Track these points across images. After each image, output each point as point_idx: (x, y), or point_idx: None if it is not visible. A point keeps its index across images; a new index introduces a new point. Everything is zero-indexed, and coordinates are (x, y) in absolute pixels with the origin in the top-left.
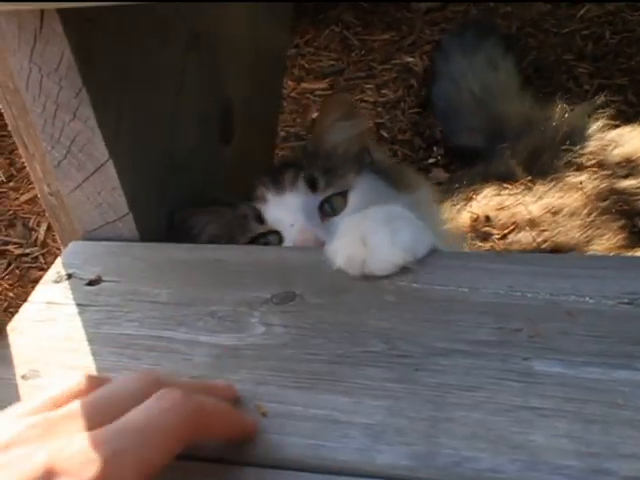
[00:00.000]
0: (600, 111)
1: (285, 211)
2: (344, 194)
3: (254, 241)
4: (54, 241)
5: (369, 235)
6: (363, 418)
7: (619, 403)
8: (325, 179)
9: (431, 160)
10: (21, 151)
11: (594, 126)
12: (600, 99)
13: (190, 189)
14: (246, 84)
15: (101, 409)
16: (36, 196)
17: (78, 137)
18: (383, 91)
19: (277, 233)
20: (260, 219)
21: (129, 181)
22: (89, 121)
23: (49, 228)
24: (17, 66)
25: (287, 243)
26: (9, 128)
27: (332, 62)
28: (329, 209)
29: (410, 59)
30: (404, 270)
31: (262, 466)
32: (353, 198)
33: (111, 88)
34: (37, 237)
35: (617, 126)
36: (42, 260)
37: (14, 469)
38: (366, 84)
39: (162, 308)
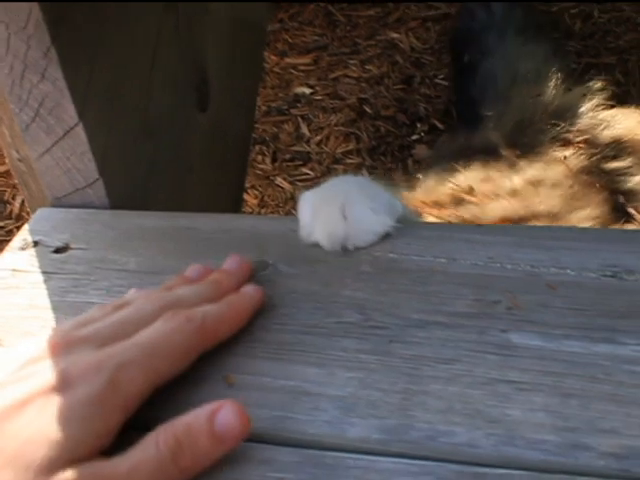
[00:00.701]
0: (596, 92)
1: None
2: None
3: None
4: (29, 214)
5: (348, 207)
6: (335, 390)
7: (599, 377)
8: None
9: (414, 137)
10: None
11: (588, 104)
12: (598, 84)
13: (163, 156)
14: (224, 53)
15: (116, 329)
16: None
17: (47, 99)
18: (367, 67)
19: None
20: None
21: (100, 146)
22: (58, 82)
23: (24, 201)
24: None
25: None
26: None
27: (316, 37)
28: None
29: (395, 35)
30: (381, 240)
31: None
32: None
33: (82, 48)
34: (12, 210)
35: (612, 107)
36: (17, 233)
37: (33, 380)
38: (350, 59)
39: (130, 277)
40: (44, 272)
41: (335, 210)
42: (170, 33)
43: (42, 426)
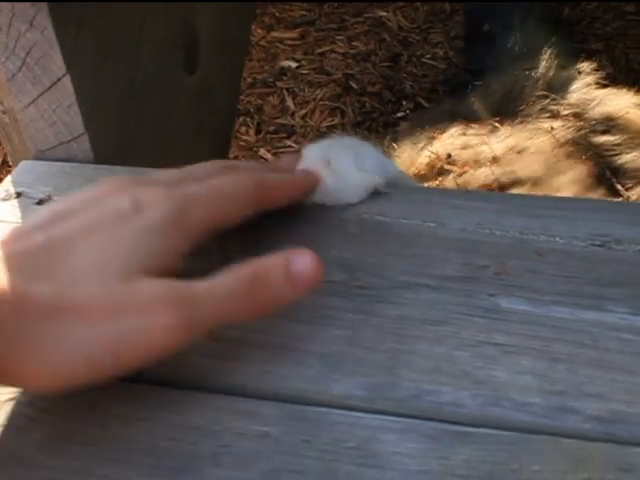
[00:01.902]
0: (590, 72)
1: None
2: None
3: None
4: (7, 175)
5: (335, 162)
6: (320, 347)
7: (587, 343)
8: None
9: (400, 114)
10: None
11: (581, 82)
12: (592, 65)
13: (149, 116)
14: (214, 19)
15: (184, 177)
16: None
17: (34, 48)
18: (354, 43)
19: None
20: None
21: (87, 99)
22: (46, 31)
23: (3, 163)
24: None
25: None
26: None
27: (304, 12)
28: None
29: (383, 13)
30: (369, 202)
31: (213, 391)
32: None
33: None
34: None
35: (605, 86)
36: None
37: (105, 206)
38: (337, 35)
39: None
40: None
41: (323, 165)
42: None
43: (117, 240)
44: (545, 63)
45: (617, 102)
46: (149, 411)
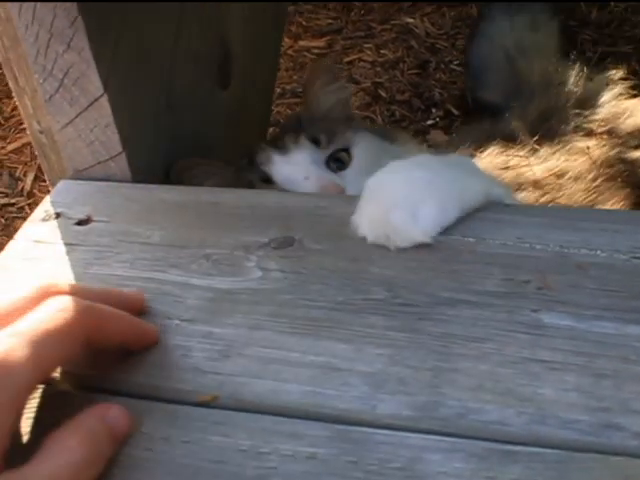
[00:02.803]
0: (618, 81)
1: (295, 167)
2: (347, 150)
3: None
4: (40, 191)
5: (390, 212)
6: (364, 366)
7: (631, 358)
8: (326, 137)
9: (430, 122)
10: (11, 85)
11: (609, 94)
12: (619, 72)
13: (185, 131)
14: (247, 33)
15: None
16: (23, 145)
17: (72, 69)
18: (382, 51)
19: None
20: (267, 180)
21: (124, 118)
22: (84, 52)
23: (36, 178)
24: None
25: None
26: None
27: (330, 21)
28: (335, 165)
29: (410, 20)
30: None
31: (258, 412)
32: (357, 152)
33: (108, 19)
34: (23, 187)
35: (634, 96)
36: (28, 210)
37: None
38: (365, 43)
39: (154, 250)
40: (67, 244)
41: (379, 212)
42: (194, 7)
43: None
44: (574, 77)
45: None
46: (195, 433)
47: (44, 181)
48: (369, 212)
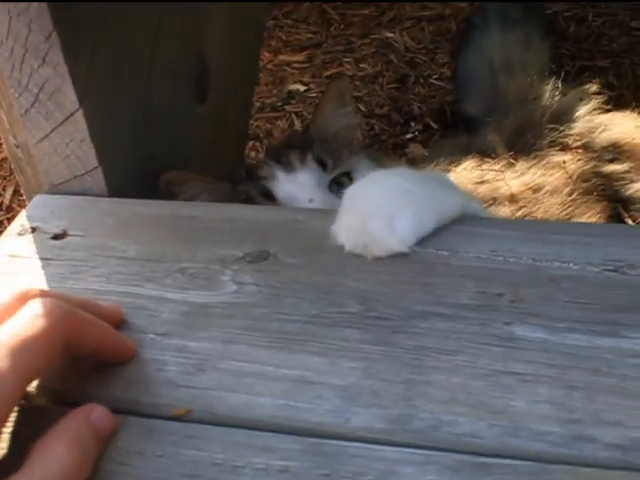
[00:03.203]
0: (592, 95)
1: (299, 188)
2: (349, 174)
3: None
4: (19, 206)
5: (368, 222)
6: (337, 379)
7: (603, 370)
8: (332, 160)
9: (409, 135)
10: None
11: (584, 108)
12: (593, 87)
13: (162, 145)
14: (224, 47)
15: None
16: (2, 160)
17: (47, 84)
18: (362, 65)
19: None
20: (269, 197)
21: (99, 133)
22: (59, 67)
23: (15, 193)
24: None
25: None
26: None
27: (310, 35)
28: (336, 188)
29: (390, 34)
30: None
31: (232, 426)
32: (358, 177)
33: (84, 34)
34: (2, 201)
35: (608, 110)
36: (6, 224)
37: None
38: (344, 58)
39: (129, 264)
40: (42, 258)
41: (357, 222)
42: (171, 21)
43: None
44: (549, 92)
45: (622, 127)
46: (169, 447)
47: (23, 195)
48: (348, 221)
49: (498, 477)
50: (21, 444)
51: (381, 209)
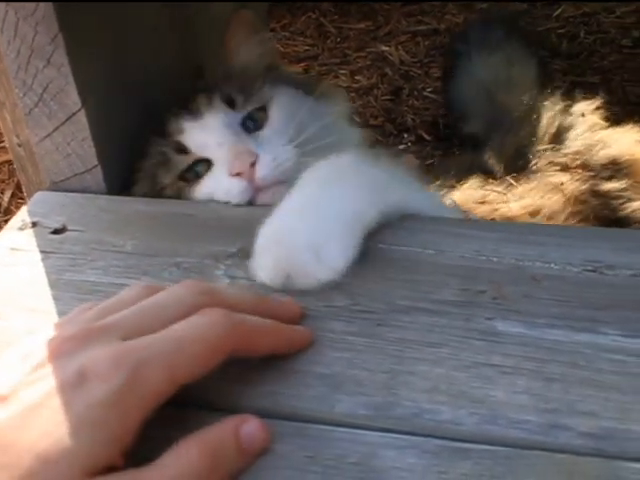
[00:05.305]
0: (592, 111)
1: (208, 133)
2: (264, 108)
3: (183, 177)
4: (17, 208)
5: (294, 257)
6: (323, 369)
7: (580, 364)
8: (242, 96)
9: (401, 146)
10: None
11: (584, 125)
12: (595, 103)
13: None
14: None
15: (144, 319)
16: (1, 163)
17: (51, 84)
18: (357, 77)
19: (205, 161)
20: (182, 150)
21: (100, 132)
22: (63, 68)
23: (13, 195)
24: None
25: (219, 167)
26: None
27: (307, 47)
28: (252, 125)
29: (385, 48)
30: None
31: (221, 410)
32: (274, 110)
33: (88, 37)
34: (1, 204)
35: (608, 127)
36: (4, 226)
37: (46, 381)
38: (340, 70)
39: (127, 258)
40: (42, 251)
41: (279, 259)
42: (169, 27)
43: (57, 435)
44: (549, 111)
45: (621, 143)
46: (161, 430)
47: (21, 198)
48: (268, 259)
49: (475, 461)
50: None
51: (304, 241)
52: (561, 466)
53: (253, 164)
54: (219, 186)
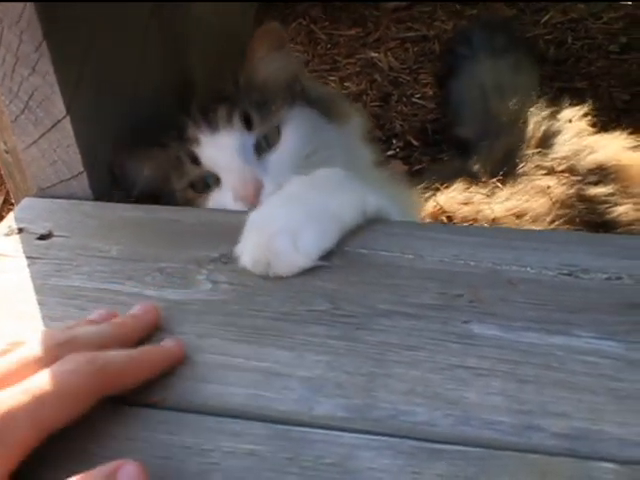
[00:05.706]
0: (580, 117)
1: (220, 152)
2: (278, 128)
3: (193, 186)
4: (7, 213)
5: (271, 240)
6: (303, 371)
7: (553, 366)
8: (259, 115)
9: (390, 152)
10: None
11: (571, 131)
12: (584, 108)
13: None
14: (208, 63)
15: (6, 373)
16: None
17: (36, 92)
18: (346, 84)
19: (215, 175)
20: (195, 161)
21: (86, 139)
22: (48, 76)
23: (4, 202)
24: None
25: (226, 187)
26: None
27: (297, 54)
28: (265, 144)
29: (374, 54)
30: (350, 236)
31: (202, 413)
32: (287, 133)
33: (73, 45)
34: None
35: (595, 132)
36: None
37: None
38: (330, 76)
39: (111, 263)
40: (28, 257)
41: (261, 241)
42: (155, 35)
43: None
44: (537, 116)
45: (608, 148)
46: (143, 432)
47: (12, 204)
48: (250, 242)
49: (449, 462)
50: None
51: (283, 226)
52: (534, 466)
53: (258, 190)
54: (225, 205)
